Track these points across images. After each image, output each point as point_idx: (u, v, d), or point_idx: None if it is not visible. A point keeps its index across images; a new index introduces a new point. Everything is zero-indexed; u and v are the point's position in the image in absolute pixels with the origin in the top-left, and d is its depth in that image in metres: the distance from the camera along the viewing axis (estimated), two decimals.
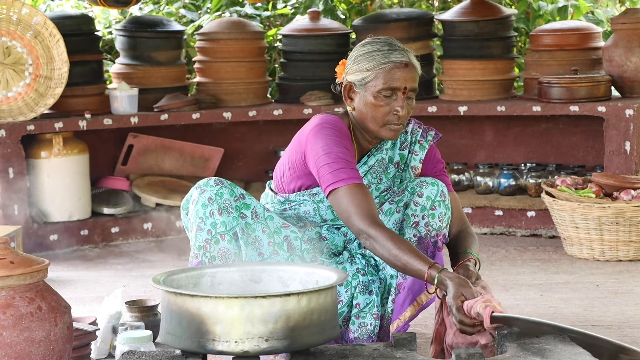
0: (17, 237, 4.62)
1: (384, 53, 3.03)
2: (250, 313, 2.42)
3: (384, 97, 3.02)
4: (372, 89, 3.03)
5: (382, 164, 3.18)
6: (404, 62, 3.02)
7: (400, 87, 3.02)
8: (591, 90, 5.20)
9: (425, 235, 3.07)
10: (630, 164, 5.03)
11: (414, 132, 3.22)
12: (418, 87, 3.07)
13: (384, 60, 3.02)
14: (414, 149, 3.21)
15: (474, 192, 5.58)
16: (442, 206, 3.08)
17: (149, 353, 2.62)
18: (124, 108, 5.39)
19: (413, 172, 3.20)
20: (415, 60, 3.07)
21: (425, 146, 3.22)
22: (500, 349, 2.67)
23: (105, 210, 5.39)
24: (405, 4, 7.52)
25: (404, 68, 3.02)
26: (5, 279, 2.65)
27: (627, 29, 5.29)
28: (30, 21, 5.10)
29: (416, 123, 3.25)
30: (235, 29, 5.78)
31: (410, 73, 3.03)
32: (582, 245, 4.71)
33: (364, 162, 3.16)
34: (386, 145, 3.19)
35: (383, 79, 3.02)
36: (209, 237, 2.98)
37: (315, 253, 3.12)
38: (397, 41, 3.08)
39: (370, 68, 3.03)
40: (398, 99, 3.02)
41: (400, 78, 3.01)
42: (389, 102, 3.03)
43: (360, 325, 3.10)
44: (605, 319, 3.65)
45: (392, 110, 3.03)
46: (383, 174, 3.18)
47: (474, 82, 5.57)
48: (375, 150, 3.17)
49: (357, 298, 3.12)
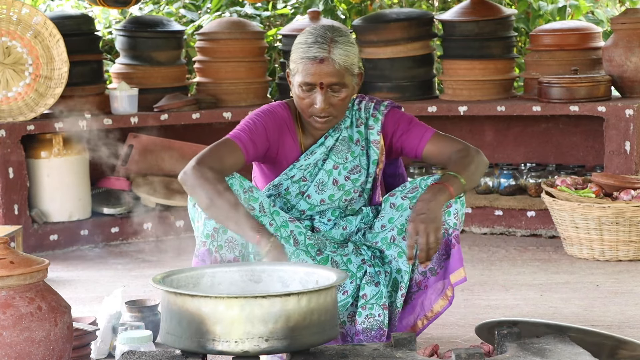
0: (17, 237, 4.62)
1: (304, 48, 3.04)
2: (250, 313, 2.42)
3: (304, 90, 3.05)
4: (296, 81, 3.07)
5: (344, 142, 3.18)
6: (319, 57, 3.01)
7: (315, 82, 3.02)
8: (591, 90, 5.20)
9: (442, 235, 3.06)
10: (630, 164, 5.03)
11: (367, 107, 3.22)
12: (350, 75, 3.05)
13: (302, 55, 3.04)
14: (369, 123, 3.20)
15: (474, 192, 5.58)
16: (457, 202, 3.06)
17: (149, 353, 2.62)
18: (124, 108, 5.39)
19: (375, 146, 3.18)
20: (341, 52, 3.02)
21: (379, 117, 3.19)
22: (500, 349, 2.67)
23: (105, 210, 5.38)
24: (405, 4, 7.52)
25: (319, 64, 3.01)
26: (5, 279, 2.65)
27: (627, 29, 5.29)
28: (30, 21, 5.10)
29: (370, 99, 3.24)
30: (235, 29, 5.78)
31: (327, 68, 3.01)
32: (582, 245, 4.71)
33: (321, 143, 3.16)
34: (345, 124, 3.20)
35: (301, 73, 3.04)
36: (218, 226, 2.98)
37: (320, 247, 3.12)
38: (329, 31, 3.05)
39: (294, 60, 3.07)
40: (317, 94, 3.03)
41: (314, 74, 3.02)
42: (309, 95, 3.05)
43: (368, 317, 3.09)
44: (605, 319, 3.65)
45: (312, 103, 3.05)
46: (348, 152, 3.18)
47: (474, 82, 5.57)
48: (333, 130, 3.17)
49: (364, 289, 3.11)
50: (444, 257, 3.08)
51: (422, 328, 3.14)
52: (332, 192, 3.16)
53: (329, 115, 3.08)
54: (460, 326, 3.41)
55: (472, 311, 3.64)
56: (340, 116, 3.13)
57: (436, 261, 3.09)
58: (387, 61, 5.68)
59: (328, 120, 3.09)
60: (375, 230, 3.18)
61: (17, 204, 5.01)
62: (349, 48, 3.06)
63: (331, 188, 3.16)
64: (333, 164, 3.16)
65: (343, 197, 3.17)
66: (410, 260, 2.94)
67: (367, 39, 5.72)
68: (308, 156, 3.16)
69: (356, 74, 3.11)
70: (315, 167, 3.17)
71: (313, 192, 3.16)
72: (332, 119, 3.10)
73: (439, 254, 3.08)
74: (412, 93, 5.69)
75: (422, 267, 3.04)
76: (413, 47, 5.68)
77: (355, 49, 3.09)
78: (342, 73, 3.03)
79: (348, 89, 3.07)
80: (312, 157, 3.16)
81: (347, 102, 3.10)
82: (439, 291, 3.12)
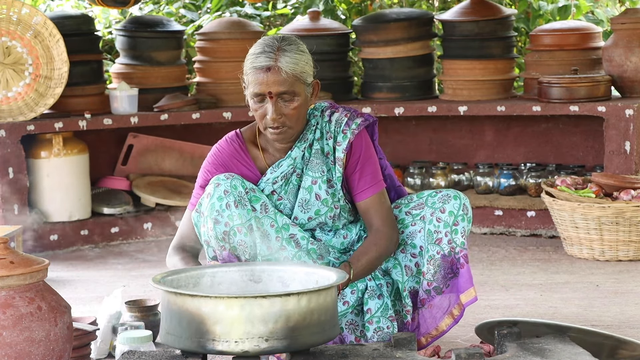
0: (17, 237, 4.62)
1: (252, 58, 2.99)
2: (250, 313, 2.42)
3: (256, 101, 3.00)
4: (249, 93, 3.02)
5: (318, 155, 3.11)
6: (265, 66, 2.95)
7: (263, 92, 2.96)
8: (591, 90, 5.20)
9: (449, 253, 3.07)
10: (630, 164, 5.03)
11: (339, 121, 3.12)
12: (302, 84, 2.98)
13: (250, 66, 2.98)
14: (338, 139, 3.11)
15: (474, 192, 5.58)
16: (464, 220, 3.06)
17: (149, 353, 2.62)
18: (124, 108, 5.39)
19: (339, 164, 3.10)
20: (289, 60, 2.96)
21: (348, 136, 3.10)
22: (500, 349, 2.67)
23: (105, 210, 5.38)
24: (405, 4, 7.52)
25: (266, 72, 2.95)
26: (5, 279, 2.65)
27: (627, 29, 5.29)
28: (30, 21, 5.10)
29: (345, 111, 3.15)
30: (235, 29, 5.78)
31: (274, 77, 2.95)
32: (582, 245, 4.71)
33: (288, 156, 3.09)
34: (313, 136, 3.12)
35: (251, 84, 2.99)
36: (227, 229, 2.97)
37: (322, 253, 3.11)
38: (277, 41, 2.98)
39: (245, 72, 3.02)
40: (268, 103, 2.97)
41: (262, 83, 2.95)
42: (261, 105, 2.99)
43: (377, 330, 3.08)
44: (605, 319, 3.65)
45: (265, 114, 2.99)
46: (323, 165, 3.11)
47: (474, 82, 5.57)
48: (299, 141, 3.10)
49: (367, 304, 3.10)
50: (450, 276, 3.08)
51: (426, 344, 3.13)
52: (318, 208, 3.11)
53: (283, 126, 2.99)
54: (460, 326, 3.41)
55: (472, 311, 3.64)
56: (296, 127, 3.03)
57: (441, 279, 3.08)
58: (387, 61, 5.68)
59: (282, 131, 3.00)
60: None
61: (17, 204, 5.01)
62: (298, 56, 2.98)
63: (315, 204, 3.10)
64: (311, 180, 3.10)
65: (328, 214, 3.11)
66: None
67: (367, 39, 5.73)
68: (274, 169, 3.09)
69: (310, 83, 3.03)
70: (285, 182, 3.10)
71: (299, 212, 3.10)
72: (286, 129, 3.01)
73: (444, 272, 3.07)
74: (412, 93, 5.69)
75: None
76: (413, 47, 5.68)
77: (306, 57, 3.02)
78: (290, 81, 2.96)
79: (300, 98, 2.99)
80: (278, 170, 3.09)
81: (302, 112, 3.02)
82: (444, 309, 3.10)
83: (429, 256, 3.07)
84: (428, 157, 5.91)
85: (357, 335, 3.12)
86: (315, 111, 3.15)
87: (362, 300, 3.12)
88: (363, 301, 3.12)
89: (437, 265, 3.07)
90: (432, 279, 3.08)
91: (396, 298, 3.14)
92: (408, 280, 3.12)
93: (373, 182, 3.10)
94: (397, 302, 3.14)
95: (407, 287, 3.12)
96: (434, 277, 3.08)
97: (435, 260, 3.07)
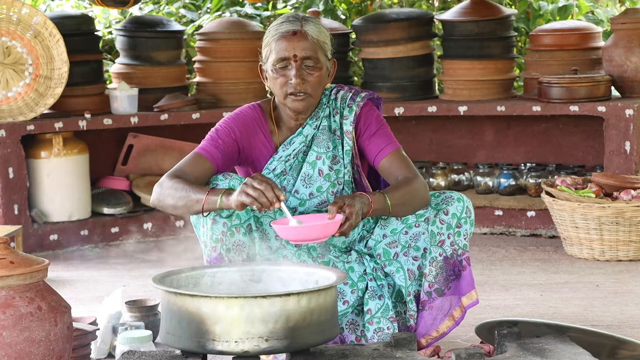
0: (17, 237, 4.62)
1: (275, 27, 3.05)
2: (250, 313, 2.42)
3: (279, 68, 3.03)
4: (270, 64, 3.06)
5: (325, 132, 3.15)
6: (292, 30, 3.02)
7: (289, 56, 3.01)
8: (591, 90, 5.20)
9: (451, 255, 3.07)
10: (630, 164, 5.03)
11: (344, 97, 3.17)
12: (323, 55, 3.04)
13: (274, 33, 3.04)
14: (344, 113, 3.16)
15: (474, 192, 5.58)
16: (467, 223, 3.07)
17: (149, 353, 2.62)
18: (124, 108, 5.39)
19: (348, 137, 3.14)
20: (313, 28, 3.03)
21: (354, 108, 3.15)
22: (500, 349, 2.67)
23: (105, 210, 5.38)
24: (405, 4, 7.52)
25: (292, 37, 3.01)
26: (5, 279, 2.65)
27: (627, 29, 5.29)
28: (30, 21, 5.10)
29: (349, 89, 3.20)
30: (235, 29, 5.78)
31: (300, 41, 3.01)
32: (582, 245, 4.71)
33: (299, 133, 3.13)
34: (323, 113, 3.16)
35: (274, 51, 3.04)
36: (225, 230, 2.97)
37: (322, 251, 3.11)
38: (301, 13, 3.08)
39: (266, 44, 3.07)
40: (292, 69, 3.02)
41: (288, 47, 3.01)
42: (284, 72, 3.03)
43: (377, 331, 3.08)
44: (605, 319, 3.65)
45: (288, 80, 3.03)
46: (329, 142, 3.15)
47: (474, 82, 5.56)
48: (310, 119, 3.14)
49: (368, 304, 3.10)
50: (452, 278, 3.08)
51: (426, 346, 3.13)
52: (320, 184, 3.13)
53: (305, 92, 3.03)
54: (460, 326, 3.40)
55: (472, 311, 3.63)
56: (315, 97, 3.08)
57: (443, 281, 3.08)
58: (387, 61, 5.68)
59: (304, 98, 3.04)
60: (376, 237, 3.17)
61: (17, 204, 5.01)
62: (321, 27, 3.07)
63: (318, 180, 3.13)
64: (316, 155, 3.14)
65: (330, 190, 3.14)
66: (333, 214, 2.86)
67: (367, 39, 5.72)
68: (287, 147, 3.13)
69: (330, 58, 3.09)
70: (296, 160, 3.14)
71: (300, 186, 3.13)
72: (308, 97, 3.05)
73: (446, 274, 3.07)
74: (412, 93, 5.69)
75: (337, 236, 2.93)
76: (413, 47, 5.68)
77: (328, 33, 3.09)
78: (315, 48, 3.02)
79: (322, 70, 3.05)
80: (290, 147, 3.13)
81: (322, 83, 3.07)
82: (445, 311, 3.10)
83: (432, 258, 3.07)
84: (428, 157, 5.91)
85: (357, 335, 3.12)
86: (326, 90, 3.20)
87: (363, 300, 3.12)
88: (363, 301, 3.12)
89: (439, 267, 3.07)
90: (433, 281, 3.08)
91: (397, 299, 3.14)
92: (411, 284, 3.11)
93: (389, 141, 3.13)
94: (398, 303, 3.13)
95: (412, 291, 3.12)
96: (435, 279, 3.08)
97: (438, 262, 3.07)
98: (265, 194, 2.76)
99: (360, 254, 3.16)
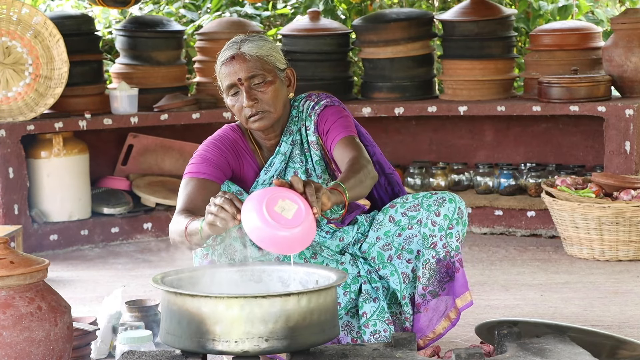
0: (17, 237, 4.62)
1: (219, 56, 3.06)
2: (250, 313, 2.42)
3: (232, 95, 3.03)
4: (224, 94, 3.06)
5: (297, 146, 3.14)
6: (229, 55, 3.02)
7: (234, 81, 3.01)
8: (591, 90, 5.20)
9: (444, 257, 3.06)
10: (630, 164, 5.03)
11: (307, 107, 3.16)
12: (271, 68, 3.01)
13: (218, 63, 3.06)
14: (307, 124, 3.15)
15: (474, 192, 5.58)
16: (459, 224, 3.05)
17: (149, 353, 2.62)
18: (124, 108, 5.40)
19: (313, 147, 3.12)
20: (251, 45, 3.01)
21: (313, 117, 3.14)
22: (500, 349, 2.67)
23: (105, 210, 5.38)
24: (405, 4, 7.52)
25: (232, 62, 3.01)
26: (5, 279, 2.65)
27: (627, 29, 5.29)
28: (30, 21, 5.10)
29: (316, 97, 3.18)
30: (235, 29, 5.77)
31: (240, 63, 3.00)
32: (582, 245, 4.71)
33: (277, 152, 3.12)
34: (296, 127, 3.15)
35: (222, 80, 3.05)
36: (214, 235, 2.96)
37: (315, 251, 3.11)
38: (240, 36, 3.06)
39: (218, 78, 3.07)
40: (241, 93, 3.01)
41: (231, 73, 3.01)
42: (237, 98, 3.02)
43: (373, 334, 3.08)
44: (605, 319, 3.65)
45: (242, 105, 3.02)
46: (302, 155, 3.14)
47: (474, 82, 5.56)
48: (284, 135, 3.13)
49: (363, 307, 3.10)
50: (446, 280, 3.07)
51: (424, 347, 3.13)
52: None
53: (262, 111, 3.01)
54: (460, 326, 3.41)
55: (472, 311, 3.63)
56: (276, 111, 3.04)
57: (437, 283, 3.08)
58: (387, 61, 5.68)
59: (263, 117, 3.01)
60: (370, 240, 3.16)
61: (17, 204, 5.01)
62: (261, 42, 3.04)
63: None
64: (293, 171, 3.13)
65: None
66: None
67: (367, 39, 5.73)
68: (268, 169, 3.12)
69: (282, 69, 3.06)
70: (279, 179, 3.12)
71: None
72: (267, 114, 3.02)
73: (440, 276, 3.07)
74: (412, 93, 5.69)
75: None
76: (413, 47, 5.68)
77: (271, 44, 3.07)
78: (256, 64, 3.00)
79: (274, 83, 3.02)
80: (272, 169, 3.12)
81: (280, 96, 3.04)
82: (441, 312, 3.09)
83: (424, 260, 3.06)
84: (428, 157, 5.91)
85: (353, 336, 3.12)
86: (296, 102, 3.18)
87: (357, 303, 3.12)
88: (358, 304, 3.11)
89: (433, 270, 3.06)
90: (427, 283, 3.07)
91: (391, 301, 3.13)
92: (406, 287, 3.11)
93: (340, 130, 3.07)
94: (393, 304, 3.13)
95: (407, 294, 3.11)
96: (429, 282, 3.07)
97: (431, 265, 3.06)
98: (224, 208, 2.61)
99: (354, 256, 3.16)
